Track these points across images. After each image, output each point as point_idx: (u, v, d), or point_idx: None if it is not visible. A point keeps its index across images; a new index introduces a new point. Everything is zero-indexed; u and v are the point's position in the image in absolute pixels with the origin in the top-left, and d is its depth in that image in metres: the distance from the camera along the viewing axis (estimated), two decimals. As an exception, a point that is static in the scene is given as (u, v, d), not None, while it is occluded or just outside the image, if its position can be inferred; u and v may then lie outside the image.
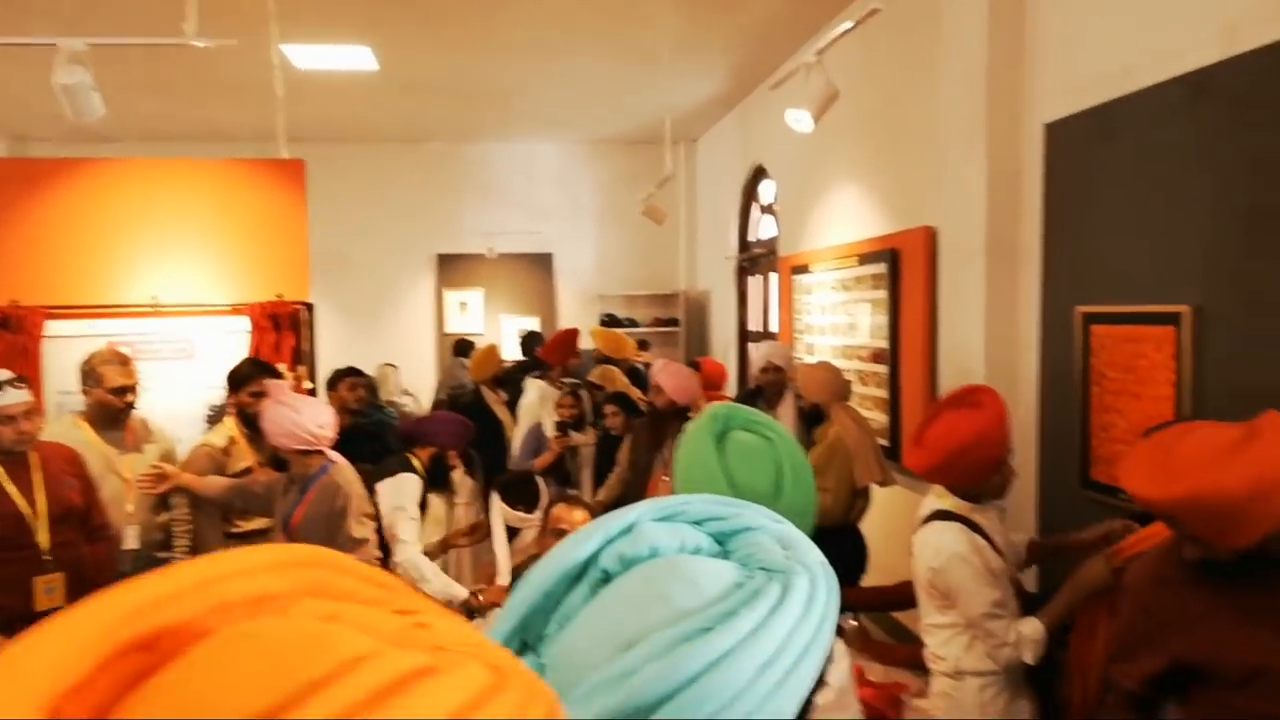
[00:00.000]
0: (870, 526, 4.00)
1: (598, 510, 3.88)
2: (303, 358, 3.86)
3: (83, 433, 3.21)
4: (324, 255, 7.83)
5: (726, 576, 0.71)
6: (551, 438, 5.07)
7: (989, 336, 3.69)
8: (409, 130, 8.65)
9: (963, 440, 2.33)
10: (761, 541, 0.76)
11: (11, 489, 2.75)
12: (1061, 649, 2.33)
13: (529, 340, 7.64)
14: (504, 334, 9.18)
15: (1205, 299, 2.63)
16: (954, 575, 2.30)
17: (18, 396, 2.70)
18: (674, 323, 9.31)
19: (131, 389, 3.25)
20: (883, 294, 4.79)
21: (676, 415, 4.01)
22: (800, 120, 3.41)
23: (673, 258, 9.75)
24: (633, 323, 9.29)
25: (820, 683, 0.71)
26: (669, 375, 4.17)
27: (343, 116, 7.86)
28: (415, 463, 3.50)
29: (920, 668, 2.55)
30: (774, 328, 7.30)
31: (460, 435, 3.70)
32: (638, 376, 5.99)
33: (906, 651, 2.82)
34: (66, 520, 2.88)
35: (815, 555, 0.74)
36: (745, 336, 8.11)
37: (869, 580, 3.89)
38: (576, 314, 9.46)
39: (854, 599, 3.02)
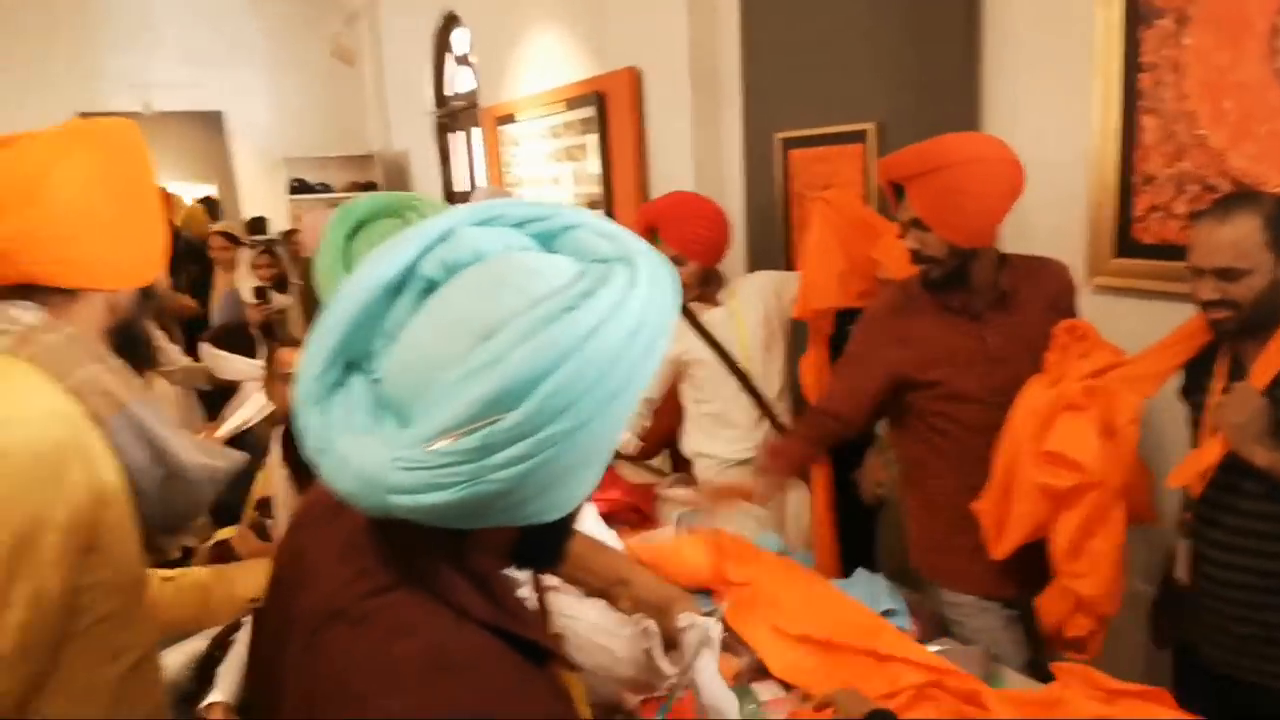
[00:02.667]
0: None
1: None
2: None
3: None
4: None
5: (568, 267, 0.70)
6: (249, 305, 4.61)
7: (698, 170, 3.86)
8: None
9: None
10: (585, 237, 0.75)
11: None
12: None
13: (208, 207, 6.86)
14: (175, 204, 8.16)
15: (884, 116, 2.92)
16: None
17: None
18: (372, 186, 8.77)
19: None
20: (594, 138, 4.82)
21: None
22: None
23: (363, 115, 9.08)
24: (326, 188, 8.63)
25: None
26: None
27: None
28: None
29: None
30: (482, 184, 7.13)
31: None
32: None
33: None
34: None
35: (641, 243, 0.74)
36: (452, 197, 7.85)
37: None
38: (258, 179, 8.59)
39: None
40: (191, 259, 5.53)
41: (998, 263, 2.00)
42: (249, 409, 3.12)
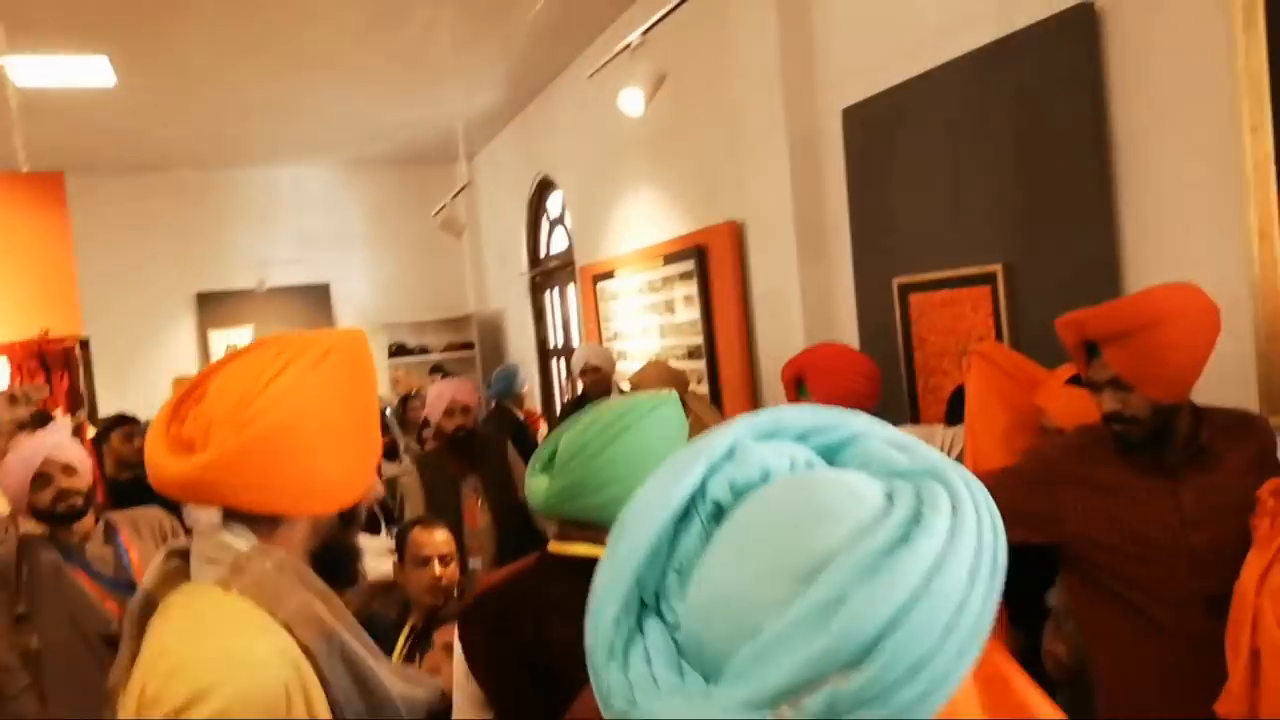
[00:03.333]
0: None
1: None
2: (81, 401, 3.30)
3: None
4: (88, 291, 6.90)
5: (872, 485, 0.61)
6: None
7: (808, 319, 3.81)
8: (158, 156, 7.83)
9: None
10: (875, 448, 0.66)
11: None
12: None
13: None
14: (283, 373, 8.50)
15: (1012, 257, 2.84)
16: None
17: None
18: (469, 346, 9.03)
19: None
20: (693, 290, 4.86)
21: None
22: (633, 102, 3.37)
23: (459, 279, 9.47)
24: (424, 350, 8.92)
25: None
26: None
27: (80, 142, 6.98)
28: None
29: None
30: (577, 340, 7.25)
31: None
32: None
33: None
34: None
35: (937, 453, 0.65)
36: (546, 354, 8.00)
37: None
38: (362, 345, 8.94)
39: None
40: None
41: (1193, 417, 1.85)
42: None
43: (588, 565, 1.34)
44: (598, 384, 4.42)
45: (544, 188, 7.68)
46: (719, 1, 4.16)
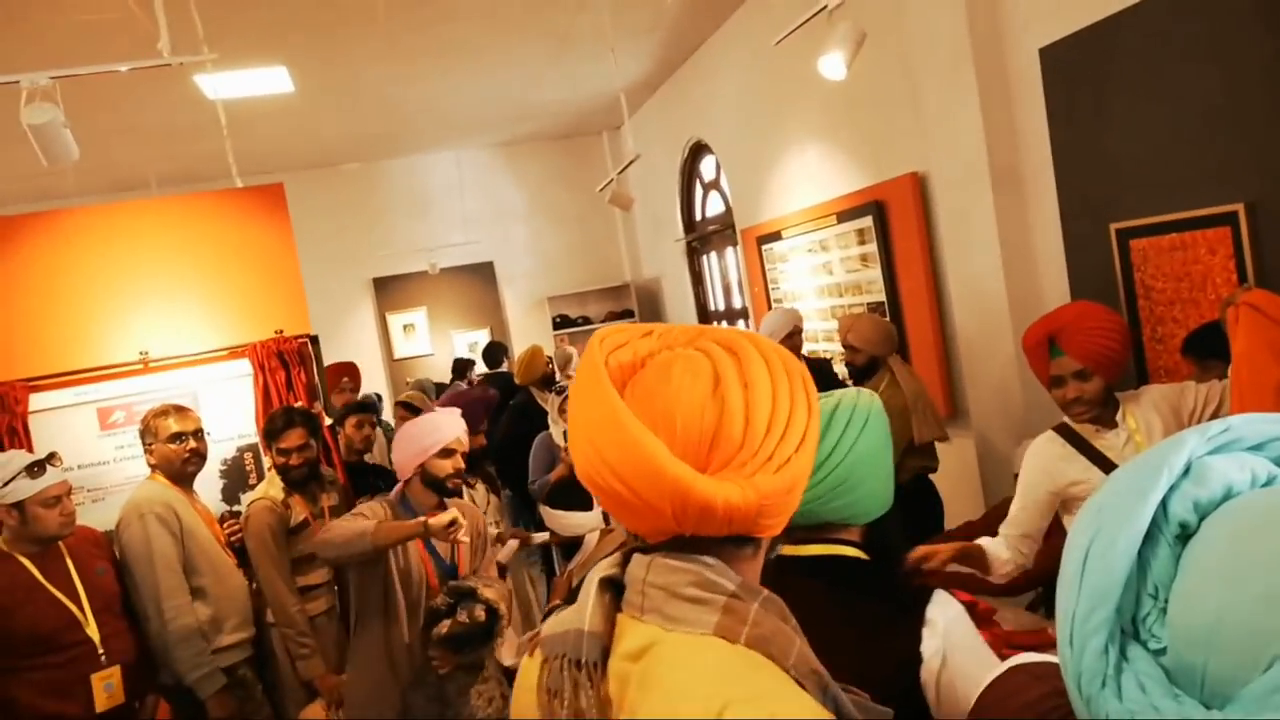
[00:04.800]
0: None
1: None
2: (317, 393, 3.58)
3: (169, 490, 3.01)
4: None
5: None
6: (563, 448, 4.83)
7: (1009, 271, 3.68)
8: (331, 153, 8.31)
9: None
10: None
11: (48, 585, 2.46)
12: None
13: (492, 351, 7.39)
14: (456, 350, 8.91)
15: (1257, 195, 2.65)
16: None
17: (57, 476, 2.42)
18: (629, 314, 9.18)
19: (193, 434, 3.05)
20: (872, 248, 4.76)
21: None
22: (834, 66, 3.32)
23: (615, 249, 9.62)
24: (586, 320, 9.13)
25: None
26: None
27: (264, 148, 7.49)
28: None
29: None
30: (737, 304, 7.26)
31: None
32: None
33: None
34: (109, 609, 2.60)
35: None
36: (706, 318, 8.04)
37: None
38: (525, 320, 9.25)
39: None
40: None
41: None
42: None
43: (824, 565, 1.34)
44: (797, 348, 4.43)
45: (697, 152, 7.67)
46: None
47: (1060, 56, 3.31)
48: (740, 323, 7.24)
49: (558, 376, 5.96)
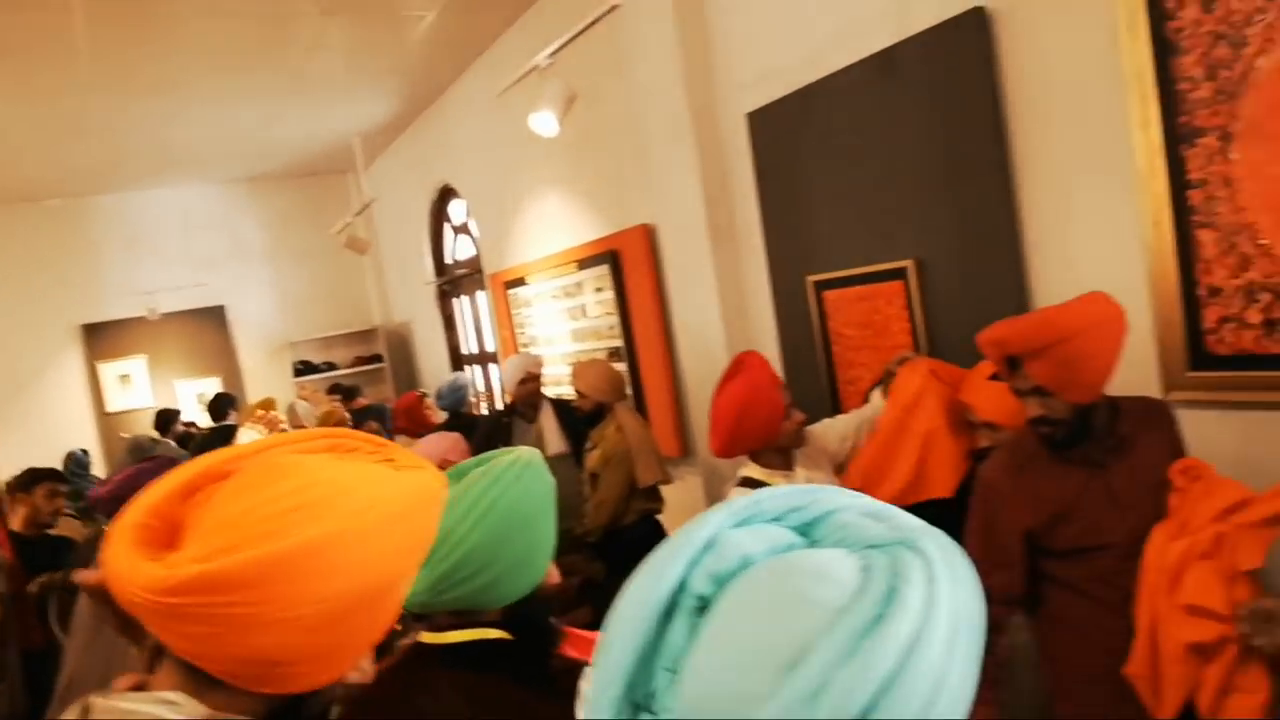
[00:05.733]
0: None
1: None
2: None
3: None
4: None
5: (847, 563, 0.61)
6: None
7: (725, 318, 3.87)
8: (30, 187, 7.38)
9: (738, 405, 2.40)
10: (850, 520, 0.68)
11: None
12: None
13: (218, 403, 6.81)
14: (181, 401, 8.14)
15: (926, 252, 2.95)
16: None
17: None
18: (377, 359, 8.81)
19: None
20: (609, 295, 4.86)
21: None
22: (545, 123, 3.34)
23: (363, 291, 9.23)
24: (331, 366, 8.67)
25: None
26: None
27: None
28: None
29: None
30: (489, 347, 7.17)
31: None
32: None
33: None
34: None
35: (913, 519, 0.67)
36: (459, 362, 7.88)
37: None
38: (265, 367, 8.63)
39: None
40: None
41: (1109, 409, 1.97)
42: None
43: (467, 651, 1.27)
44: (533, 394, 4.41)
45: (446, 195, 7.55)
46: (619, 17, 4.15)
47: (765, 121, 3.54)
48: (491, 366, 7.17)
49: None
